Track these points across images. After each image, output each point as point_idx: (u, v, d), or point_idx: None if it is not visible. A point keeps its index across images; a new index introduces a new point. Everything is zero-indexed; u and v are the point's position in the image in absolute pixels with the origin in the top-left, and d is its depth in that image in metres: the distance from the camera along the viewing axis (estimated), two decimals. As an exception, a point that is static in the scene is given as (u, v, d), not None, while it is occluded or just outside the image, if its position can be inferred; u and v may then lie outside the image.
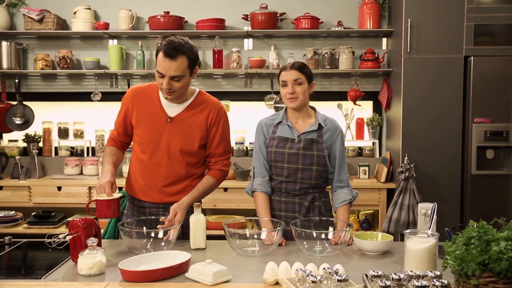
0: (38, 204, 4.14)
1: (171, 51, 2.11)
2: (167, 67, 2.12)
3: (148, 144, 2.30)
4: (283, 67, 2.40)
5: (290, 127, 2.41)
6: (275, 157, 2.39)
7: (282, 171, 2.38)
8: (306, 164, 2.36)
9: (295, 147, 2.37)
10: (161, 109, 2.29)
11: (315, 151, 2.36)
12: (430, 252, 1.76)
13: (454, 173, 3.76)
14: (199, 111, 2.30)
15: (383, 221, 3.86)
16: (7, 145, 4.54)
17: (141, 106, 2.31)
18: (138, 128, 2.32)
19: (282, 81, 2.36)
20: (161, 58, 2.13)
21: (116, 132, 2.43)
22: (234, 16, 4.32)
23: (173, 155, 2.29)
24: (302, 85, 2.34)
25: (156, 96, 2.30)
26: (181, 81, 2.17)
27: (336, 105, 4.43)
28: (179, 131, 2.27)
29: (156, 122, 2.28)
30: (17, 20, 4.43)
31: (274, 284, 1.75)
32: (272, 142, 2.41)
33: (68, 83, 4.52)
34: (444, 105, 3.75)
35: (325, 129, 2.40)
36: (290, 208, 2.40)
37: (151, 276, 1.78)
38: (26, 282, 1.77)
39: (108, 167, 2.29)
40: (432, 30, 3.71)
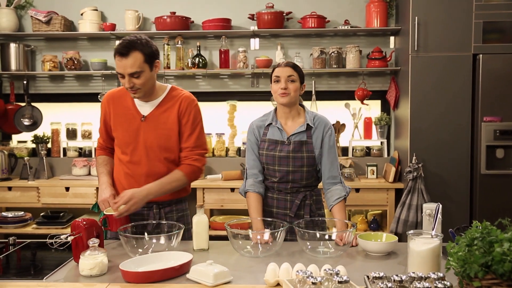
0: (47, 205, 4.17)
1: (122, 49, 2.13)
2: (123, 66, 2.14)
3: (126, 145, 2.33)
4: (276, 64, 2.43)
5: (279, 129, 2.41)
6: (266, 159, 2.41)
7: (274, 173, 2.40)
8: (297, 166, 2.37)
9: (284, 149, 2.38)
10: (135, 109, 2.32)
11: (304, 153, 2.37)
12: (433, 253, 1.73)
13: (463, 173, 3.71)
14: (171, 106, 2.31)
15: (391, 221, 3.82)
16: (16, 146, 4.57)
17: (116, 109, 2.34)
18: (116, 130, 2.35)
19: (275, 77, 2.37)
20: (117, 59, 2.16)
21: (102, 139, 2.47)
22: (240, 15, 4.31)
23: (151, 153, 2.30)
24: (295, 83, 2.35)
25: (130, 97, 2.33)
26: (141, 76, 2.17)
27: (344, 104, 4.39)
28: (154, 128, 2.30)
29: (132, 122, 2.31)
30: (25, 22, 4.46)
31: (275, 286, 1.74)
32: (263, 145, 2.43)
33: (75, 84, 4.54)
34: (452, 103, 3.70)
35: (313, 128, 2.40)
36: (282, 205, 2.42)
37: (152, 277, 1.77)
38: (27, 283, 1.78)
39: (104, 178, 2.34)
40: (440, 28, 3.67)
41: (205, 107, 4.60)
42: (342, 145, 4.45)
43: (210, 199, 4.07)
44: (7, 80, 4.53)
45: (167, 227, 2.20)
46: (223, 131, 4.47)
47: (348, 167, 4.18)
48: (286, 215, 2.39)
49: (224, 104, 4.43)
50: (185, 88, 4.49)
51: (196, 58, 4.26)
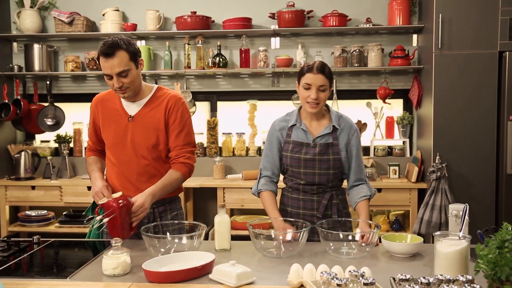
0: (69, 204, 4.21)
1: (107, 49, 2.14)
2: (110, 66, 2.15)
3: (116, 145, 2.34)
4: (307, 67, 2.28)
5: (304, 131, 2.35)
6: (291, 162, 2.35)
7: (300, 176, 2.36)
8: (323, 169, 2.32)
9: (310, 152, 2.32)
10: (123, 110, 2.33)
11: (331, 155, 2.33)
12: (461, 255, 1.69)
13: (489, 173, 3.63)
14: (158, 105, 2.32)
15: (414, 222, 3.76)
16: (39, 145, 4.63)
17: (105, 111, 2.36)
18: (105, 132, 2.37)
19: (305, 83, 2.26)
20: (102, 60, 2.17)
21: (91, 142, 2.49)
22: (261, 14, 4.29)
23: (139, 152, 2.31)
24: (326, 92, 2.27)
25: (118, 99, 2.35)
26: (129, 75, 2.19)
27: (365, 103, 4.35)
28: (141, 128, 2.30)
29: (119, 123, 2.32)
30: (48, 23, 4.52)
31: (298, 287, 1.71)
32: (287, 147, 2.36)
33: (97, 84, 4.58)
34: (477, 102, 3.63)
35: (339, 130, 2.35)
36: (309, 206, 2.37)
37: (175, 277, 1.76)
38: (52, 282, 1.79)
39: (96, 174, 2.37)
40: (465, 25, 3.60)
41: (225, 106, 4.65)
42: (364, 144, 4.40)
43: (230, 198, 4.07)
44: (30, 80, 4.59)
45: (188, 227, 2.20)
46: (244, 131, 4.46)
47: (370, 166, 4.13)
48: (313, 216, 2.34)
49: (244, 104, 4.42)
50: (205, 87, 4.54)
51: (216, 58, 4.26)
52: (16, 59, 4.54)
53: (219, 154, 4.46)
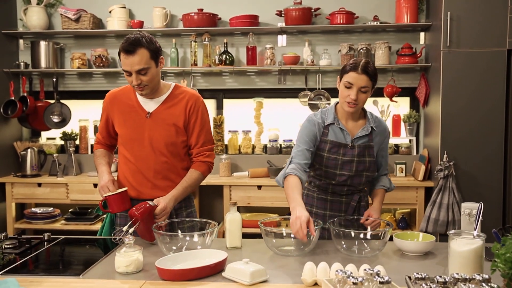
0: (75, 201, 4.21)
1: (129, 46, 2.13)
2: (130, 63, 2.15)
3: (132, 142, 2.34)
4: (351, 65, 2.16)
5: (342, 130, 2.27)
6: (327, 162, 2.27)
7: (334, 177, 2.29)
8: (359, 171, 2.29)
9: (349, 153, 2.26)
10: (139, 107, 2.33)
11: (367, 157, 2.29)
12: (476, 254, 1.68)
13: (497, 172, 3.62)
14: (177, 103, 2.32)
15: (421, 220, 3.76)
16: (45, 142, 4.63)
17: (120, 107, 2.35)
18: (121, 128, 2.36)
19: (347, 82, 2.16)
20: (123, 57, 2.16)
21: (101, 136, 2.48)
22: (267, 12, 4.28)
23: (157, 149, 2.31)
24: (367, 94, 2.18)
25: (133, 95, 2.35)
26: (148, 73, 2.18)
27: (372, 101, 4.33)
28: (159, 125, 2.30)
29: (136, 119, 2.32)
30: (54, 20, 4.51)
31: (312, 285, 1.71)
32: (323, 146, 2.27)
33: (103, 81, 4.58)
34: (486, 100, 3.61)
35: (376, 133, 2.31)
36: (336, 207, 2.34)
37: (188, 275, 1.76)
38: (65, 279, 1.79)
39: (103, 168, 2.37)
40: (473, 23, 3.58)
41: (231, 104, 4.64)
42: (370, 142, 4.39)
43: (236, 196, 4.06)
44: (37, 77, 4.59)
45: (199, 225, 2.20)
46: (250, 129, 4.46)
47: (377, 165, 4.12)
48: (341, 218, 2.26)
49: (250, 101, 4.42)
50: (212, 85, 4.53)
51: (223, 55, 4.25)
52: (22, 56, 4.54)
53: (225, 151, 4.45)
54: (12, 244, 2.14)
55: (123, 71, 2.20)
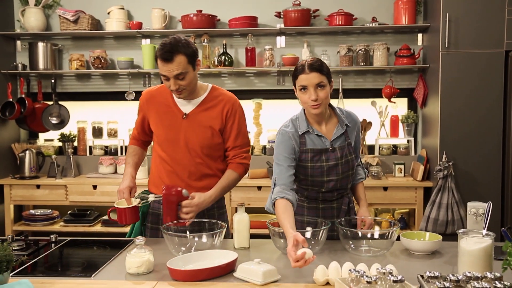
0: (74, 203, 4.20)
1: (166, 54, 2.14)
2: (167, 70, 2.15)
3: (168, 142, 2.34)
4: (299, 68, 2.11)
5: (319, 136, 2.21)
6: (312, 172, 2.21)
7: (322, 184, 2.24)
8: (345, 172, 2.25)
9: (332, 157, 2.21)
10: (176, 107, 2.33)
11: (349, 156, 2.26)
12: (486, 253, 1.70)
13: (495, 171, 3.66)
14: (214, 105, 2.33)
15: (420, 220, 3.79)
16: (43, 144, 4.61)
17: (156, 107, 2.36)
18: (157, 128, 2.37)
19: (301, 86, 2.10)
20: (160, 64, 2.17)
21: (137, 131, 2.49)
22: (266, 13, 4.30)
23: (193, 151, 2.32)
24: (325, 88, 2.09)
25: (170, 95, 2.35)
26: (186, 77, 2.19)
27: (370, 102, 4.36)
28: (195, 126, 2.31)
29: (172, 120, 2.33)
30: (52, 21, 4.49)
31: (324, 285, 1.73)
32: (305, 156, 2.20)
33: (102, 83, 4.56)
34: (484, 101, 3.66)
35: (350, 128, 2.27)
36: (328, 214, 2.30)
37: (200, 275, 1.77)
38: (76, 280, 1.79)
39: (129, 170, 2.38)
40: (471, 24, 3.63)
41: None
42: (369, 143, 4.43)
43: (236, 197, 4.07)
44: (35, 79, 4.56)
45: (208, 225, 2.21)
46: (249, 130, 4.42)
47: (375, 165, 4.15)
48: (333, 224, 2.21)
49: (249, 102, 4.42)
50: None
51: (222, 56, 4.26)
52: (20, 58, 4.52)
53: (225, 152, 4.45)
54: (20, 246, 2.13)
55: (161, 75, 2.20)
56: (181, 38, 2.19)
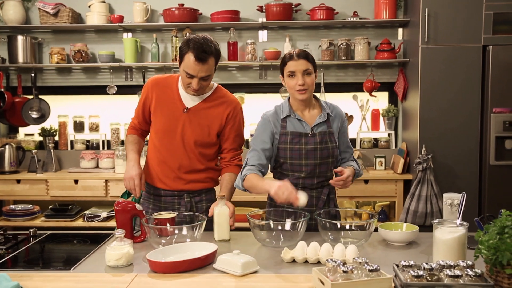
0: (55, 198, 4.17)
1: (202, 55, 2.14)
2: (198, 70, 2.17)
3: (164, 132, 2.36)
4: (288, 55, 2.25)
5: (300, 120, 2.30)
6: (291, 154, 2.28)
7: (301, 168, 2.30)
8: (324, 157, 2.30)
9: (311, 142, 2.29)
10: (179, 100, 2.35)
11: (329, 143, 2.32)
12: (459, 242, 1.75)
13: (473, 164, 3.73)
14: (217, 105, 2.35)
15: (400, 212, 3.84)
16: (23, 139, 4.56)
17: (160, 95, 2.37)
18: (156, 115, 2.38)
19: (289, 72, 2.23)
20: (192, 62, 2.15)
21: (137, 120, 2.49)
22: (248, 7, 4.30)
23: (188, 146, 2.35)
24: (312, 75, 2.24)
25: (176, 87, 2.37)
26: (209, 79, 2.26)
27: (352, 96, 4.40)
28: (194, 122, 2.33)
29: (173, 111, 2.34)
30: (32, 14, 4.44)
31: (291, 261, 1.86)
32: (284, 138, 2.29)
33: (83, 77, 4.53)
34: (462, 95, 3.72)
35: (332, 118, 2.35)
36: (308, 202, 2.26)
37: (179, 267, 1.78)
38: (56, 273, 1.79)
39: (133, 156, 2.38)
40: (450, 19, 3.68)
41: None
42: (350, 136, 4.42)
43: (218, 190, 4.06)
44: (14, 72, 4.51)
45: (188, 218, 2.22)
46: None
47: (357, 158, 4.18)
48: (313, 213, 2.26)
49: (232, 96, 4.43)
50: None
51: (204, 50, 4.25)
52: (-1, 51, 4.47)
53: (207, 146, 4.46)
54: (-1, 240, 2.12)
55: (185, 72, 2.18)
56: (211, 39, 2.22)
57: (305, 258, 1.87)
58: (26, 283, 1.66)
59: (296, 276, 1.75)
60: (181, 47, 2.20)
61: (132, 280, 1.71)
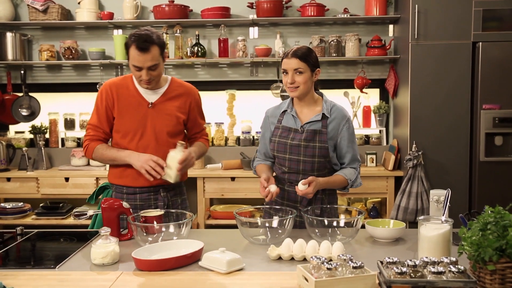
0: (46, 195, 4.15)
1: (143, 44, 2.20)
2: (142, 60, 2.22)
3: (134, 131, 2.37)
4: (285, 53, 2.32)
5: (294, 117, 2.35)
6: (277, 147, 2.35)
7: (284, 162, 2.34)
8: (308, 156, 2.30)
9: (297, 138, 2.32)
10: (141, 97, 2.39)
11: (317, 143, 2.30)
12: (444, 239, 1.75)
13: (463, 160, 3.75)
14: (177, 95, 2.43)
15: (391, 209, 3.85)
16: (14, 136, 4.54)
17: (121, 97, 2.39)
18: (122, 117, 2.38)
19: (283, 69, 2.30)
20: (135, 53, 2.22)
21: (100, 129, 2.40)
22: (239, 4, 4.29)
23: (160, 138, 2.38)
24: (303, 74, 2.25)
25: (133, 86, 2.40)
26: (158, 68, 2.28)
27: (343, 93, 4.41)
28: (162, 114, 2.39)
29: (138, 109, 2.37)
30: (21, 10, 4.41)
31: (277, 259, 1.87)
32: (276, 132, 2.38)
33: (73, 74, 4.51)
34: (452, 91, 3.73)
35: (330, 119, 2.32)
36: (292, 197, 2.34)
37: (165, 264, 1.78)
38: (40, 272, 1.78)
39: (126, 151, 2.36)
40: (440, 16, 3.68)
41: (204, 96, 4.54)
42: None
43: (210, 188, 4.08)
44: (3, 70, 4.48)
45: (174, 215, 2.21)
46: (222, 121, 4.47)
47: (348, 155, 4.19)
48: (296, 209, 2.26)
49: (223, 93, 4.43)
50: (184, 77, 4.52)
51: (195, 47, 4.24)
52: (-12, 48, 4.43)
53: (198, 144, 4.45)
54: (-16, 239, 2.11)
55: (133, 66, 2.24)
56: (153, 30, 2.28)
57: (291, 255, 1.87)
58: (10, 282, 1.65)
59: (282, 273, 1.75)
60: (125, 42, 2.28)
61: (117, 278, 1.71)
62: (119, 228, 2.16)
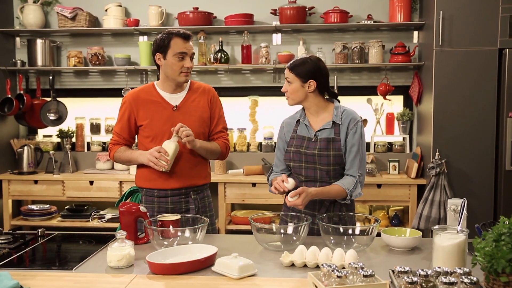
0: (71, 198, 4.25)
1: (186, 33, 2.41)
2: (188, 47, 2.41)
3: (162, 135, 2.44)
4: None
5: (306, 126, 2.37)
6: (293, 157, 2.37)
7: (301, 171, 2.36)
8: (323, 164, 2.30)
9: (311, 146, 2.33)
10: (165, 102, 2.48)
11: (331, 151, 2.29)
12: (459, 249, 1.72)
13: (487, 169, 3.66)
14: (199, 96, 2.53)
15: (413, 217, 3.80)
16: (42, 140, 4.66)
17: (145, 104, 2.47)
18: (150, 123, 2.46)
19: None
20: (180, 41, 2.38)
21: (121, 137, 2.53)
22: (262, 11, 4.32)
23: None
24: (292, 84, 2.32)
25: (155, 92, 2.50)
26: (193, 60, 2.47)
27: (366, 100, 4.37)
28: (188, 116, 2.46)
29: (164, 113, 2.46)
30: (51, 18, 4.54)
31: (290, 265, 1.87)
32: (291, 141, 2.40)
33: (99, 80, 4.61)
34: (477, 99, 3.66)
35: (341, 125, 2.32)
36: (310, 206, 2.33)
37: (178, 269, 1.80)
38: (58, 273, 1.82)
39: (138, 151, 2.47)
40: (465, 22, 3.62)
41: (226, 102, 4.62)
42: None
43: (231, 193, 4.10)
44: (33, 75, 4.62)
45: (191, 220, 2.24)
46: (245, 126, 4.49)
47: (370, 162, 4.16)
48: (314, 216, 2.26)
49: (245, 100, 4.45)
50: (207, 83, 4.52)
51: (218, 54, 4.28)
52: (19, 54, 4.57)
53: (221, 149, 4.48)
54: (7, 239, 2.17)
55: (177, 54, 2.36)
56: None
57: (304, 262, 1.87)
58: (27, 282, 1.70)
59: (293, 280, 1.75)
60: (162, 40, 2.39)
61: (131, 281, 1.74)
62: (136, 232, 2.19)
